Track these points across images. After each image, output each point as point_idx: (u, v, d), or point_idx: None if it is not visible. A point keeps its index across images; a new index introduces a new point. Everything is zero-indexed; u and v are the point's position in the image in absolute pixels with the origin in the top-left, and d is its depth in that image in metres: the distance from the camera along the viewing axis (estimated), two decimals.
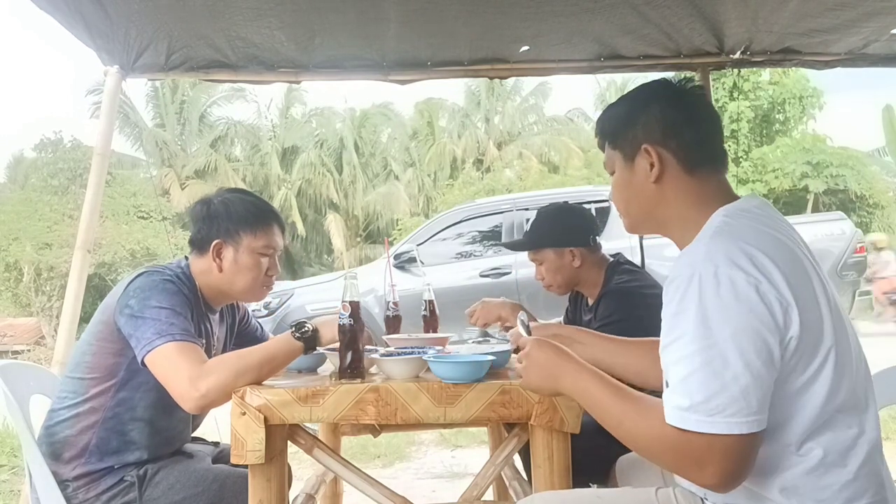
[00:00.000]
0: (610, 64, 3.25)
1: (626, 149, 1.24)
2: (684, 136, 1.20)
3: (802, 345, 1.00)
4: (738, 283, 0.98)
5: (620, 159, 1.26)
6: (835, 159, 16.33)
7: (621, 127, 1.26)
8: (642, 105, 1.25)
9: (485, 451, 3.86)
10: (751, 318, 0.97)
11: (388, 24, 2.76)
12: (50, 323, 13.64)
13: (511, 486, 1.96)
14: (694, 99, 1.25)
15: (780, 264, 1.01)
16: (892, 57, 3.28)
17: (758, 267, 1.00)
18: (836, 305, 1.08)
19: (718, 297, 0.98)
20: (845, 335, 1.07)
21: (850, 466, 1.03)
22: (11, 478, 4.04)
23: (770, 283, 0.99)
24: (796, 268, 1.04)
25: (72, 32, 2.69)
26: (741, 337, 0.96)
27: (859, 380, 1.08)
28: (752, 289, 0.98)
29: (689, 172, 1.19)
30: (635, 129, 1.23)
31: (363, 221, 24.16)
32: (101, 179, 2.95)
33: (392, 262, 5.41)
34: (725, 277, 0.99)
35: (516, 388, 1.44)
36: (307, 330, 1.61)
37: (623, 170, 1.26)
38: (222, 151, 24.45)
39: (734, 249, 1.02)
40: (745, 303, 0.97)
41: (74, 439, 1.64)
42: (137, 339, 1.56)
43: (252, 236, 1.75)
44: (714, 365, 0.96)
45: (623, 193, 1.27)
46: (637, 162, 1.22)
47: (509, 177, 22.16)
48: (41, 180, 19.09)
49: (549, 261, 2.20)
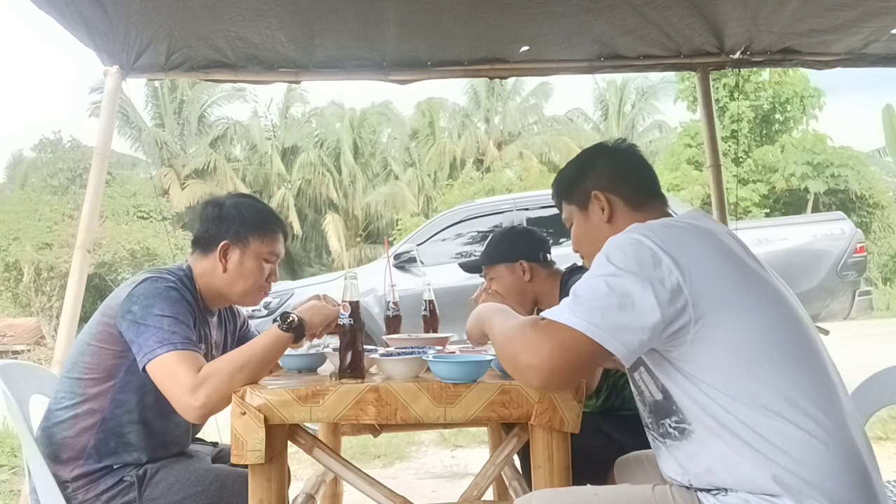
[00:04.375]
0: (610, 64, 3.25)
1: (580, 200, 1.46)
2: (627, 181, 1.42)
3: (700, 312, 1.12)
4: (639, 241, 1.16)
5: (577, 211, 1.48)
6: (835, 159, 16.32)
7: (573, 183, 1.48)
8: (589, 162, 1.49)
9: (485, 451, 3.86)
10: (638, 267, 1.12)
11: (388, 24, 2.76)
12: (50, 323, 13.63)
13: (511, 486, 1.96)
14: (631, 152, 1.49)
15: (680, 240, 1.17)
16: (892, 57, 3.28)
17: (660, 237, 1.16)
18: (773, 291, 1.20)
19: (622, 245, 1.17)
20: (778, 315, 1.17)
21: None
22: (11, 478, 4.04)
23: (667, 251, 1.14)
24: (698, 247, 1.18)
25: (71, 32, 2.69)
26: (625, 277, 1.12)
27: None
28: (649, 250, 1.14)
29: (636, 210, 1.39)
30: (585, 183, 1.45)
31: (363, 221, 24.16)
32: (101, 179, 2.96)
33: (392, 262, 5.41)
34: (633, 237, 1.18)
35: (516, 387, 1.44)
36: (293, 320, 1.62)
37: (580, 218, 1.47)
38: (222, 151, 24.45)
39: (644, 225, 1.22)
40: (639, 255, 1.14)
41: (73, 441, 1.64)
42: (139, 346, 1.56)
43: (260, 242, 1.79)
44: (596, 286, 1.13)
45: (584, 239, 1.47)
46: (591, 209, 1.43)
47: (509, 177, 22.17)
48: (41, 180, 19.09)
49: (501, 277, 2.23)
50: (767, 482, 1.08)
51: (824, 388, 1.13)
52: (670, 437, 1.21)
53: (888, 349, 7.28)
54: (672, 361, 1.16)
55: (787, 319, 1.18)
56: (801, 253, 5.73)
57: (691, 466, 1.18)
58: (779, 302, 1.19)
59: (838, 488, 1.07)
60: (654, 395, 1.24)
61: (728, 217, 3.56)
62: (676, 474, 1.22)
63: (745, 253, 1.24)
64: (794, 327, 1.18)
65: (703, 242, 1.19)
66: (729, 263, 1.18)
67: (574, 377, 1.18)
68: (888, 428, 4.21)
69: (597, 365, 1.19)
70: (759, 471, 1.09)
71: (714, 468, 1.14)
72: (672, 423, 1.19)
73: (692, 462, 1.17)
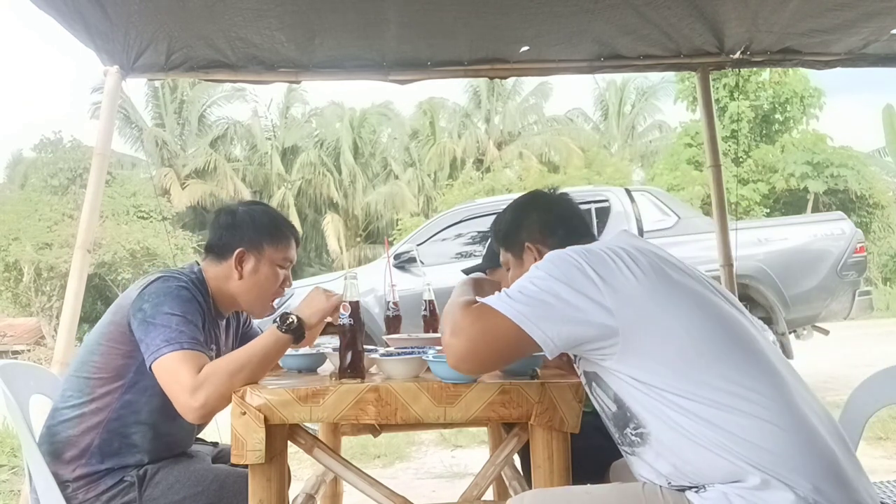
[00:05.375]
0: (610, 64, 3.25)
1: (515, 250, 1.58)
2: (557, 231, 1.52)
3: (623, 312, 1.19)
4: (566, 255, 1.25)
5: (512, 258, 1.59)
6: (835, 159, 16.33)
7: (508, 234, 1.60)
8: (522, 215, 1.59)
9: (485, 451, 3.86)
10: (564, 276, 1.21)
11: (388, 24, 2.76)
12: (50, 323, 13.64)
13: (511, 486, 1.96)
14: (561, 202, 1.60)
15: (603, 255, 1.25)
16: (892, 57, 3.28)
17: (584, 251, 1.26)
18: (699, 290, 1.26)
19: (550, 259, 1.26)
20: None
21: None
22: (11, 478, 4.04)
23: (590, 264, 1.22)
24: (614, 263, 1.25)
25: (71, 33, 2.69)
26: (553, 281, 1.20)
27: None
28: (575, 261, 1.23)
29: None
30: (520, 234, 1.56)
31: (363, 221, 24.17)
32: (101, 179, 2.96)
33: (392, 262, 5.41)
34: (560, 253, 1.27)
35: (516, 387, 1.44)
36: (292, 321, 1.63)
37: (515, 265, 1.58)
38: (222, 151, 24.46)
39: (565, 248, 1.30)
40: (566, 264, 1.23)
41: (76, 439, 1.63)
42: (147, 344, 1.57)
43: (274, 248, 1.80)
44: (525, 287, 1.22)
45: None
46: (524, 258, 1.54)
47: (509, 177, 22.18)
48: (41, 180, 19.08)
49: (505, 280, 2.20)
50: (730, 471, 1.11)
51: (763, 375, 1.17)
52: (635, 444, 1.24)
53: (888, 349, 7.29)
54: (612, 370, 1.22)
55: (714, 318, 1.22)
56: (801, 253, 5.73)
57: (660, 468, 1.21)
58: (703, 303, 1.24)
59: (802, 466, 1.08)
60: (610, 407, 1.27)
61: (728, 217, 3.56)
62: (653, 477, 1.24)
63: (665, 263, 1.29)
64: (723, 325, 1.22)
65: (622, 258, 1.25)
66: (649, 275, 1.23)
67: (491, 361, 1.26)
68: (888, 428, 4.21)
69: (518, 353, 1.25)
70: (718, 462, 1.12)
71: (678, 465, 1.17)
72: (632, 430, 1.23)
73: (659, 463, 1.21)
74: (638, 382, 1.19)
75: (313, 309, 1.70)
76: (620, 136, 26.57)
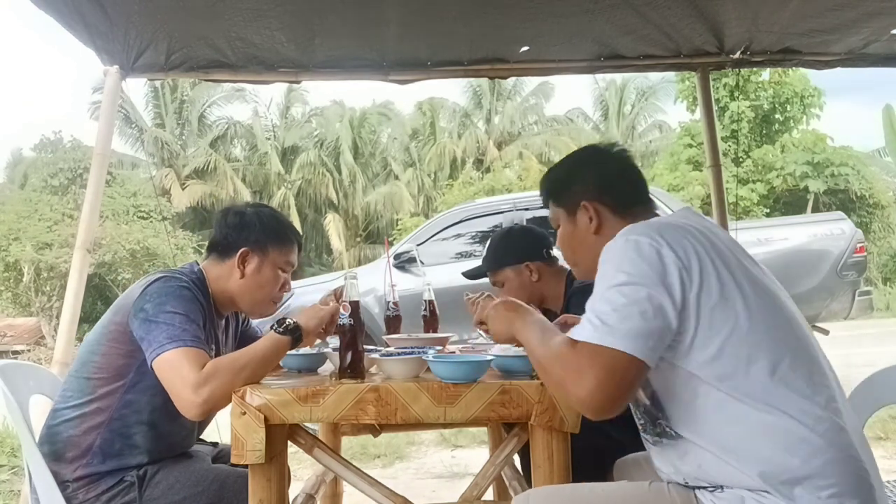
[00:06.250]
0: (610, 64, 3.25)
1: (568, 206, 1.44)
2: (616, 189, 1.41)
3: (703, 305, 1.12)
4: (641, 244, 1.15)
5: (564, 215, 1.46)
6: (835, 159, 16.31)
7: (563, 188, 1.47)
8: (578, 169, 1.47)
9: (485, 451, 3.86)
10: (648, 271, 1.12)
11: (388, 24, 2.76)
12: (50, 323, 13.62)
13: (511, 486, 1.96)
14: (620, 158, 1.47)
15: (679, 238, 1.17)
16: (892, 57, 3.28)
17: (660, 236, 1.16)
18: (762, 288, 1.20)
19: (625, 251, 1.16)
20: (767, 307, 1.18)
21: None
22: (11, 478, 4.04)
23: (670, 248, 1.14)
24: (695, 244, 1.17)
25: (71, 32, 2.69)
26: (638, 283, 1.12)
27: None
28: (654, 251, 1.14)
29: (623, 217, 1.37)
30: (574, 189, 1.43)
31: (363, 221, 24.17)
32: (101, 179, 2.95)
33: (392, 262, 5.41)
34: (632, 240, 1.17)
35: (516, 387, 1.44)
36: (289, 325, 1.65)
37: (567, 224, 1.46)
38: (222, 151, 24.47)
39: (640, 226, 1.22)
40: (646, 259, 1.13)
41: (78, 440, 1.63)
42: (149, 342, 1.57)
43: (278, 251, 1.83)
44: (613, 299, 1.12)
45: (570, 245, 1.47)
46: (579, 217, 1.42)
47: (509, 177, 22.16)
48: (41, 180, 19.07)
49: (509, 280, 2.22)
50: (755, 479, 1.09)
51: (818, 383, 1.13)
52: (666, 436, 1.21)
53: (888, 349, 7.28)
54: (667, 361, 1.15)
55: (781, 316, 1.18)
56: (801, 253, 5.72)
57: (683, 466, 1.19)
58: (772, 299, 1.19)
59: (833, 479, 1.07)
60: (643, 401, 1.25)
61: (728, 217, 3.56)
62: (672, 473, 1.23)
63: (739, 252, 1.23)
64: (788, 324, 1.18)
65: (700, 241, 1.18)
66: (725, 263, 1.17)
67: (625, 399, 1.13)
68: (888, 428, 4.21)
69: (642, 380, 1.14)
70: (746, 467, 1.10)
71: (704, 466, 1.15)
72: (665, 424, 1.20)
73: (684, 461, 1.19)
74: (689, 377, 1.14)
75: (310, 315, 1.72)
76: (620, 136, 26.55)
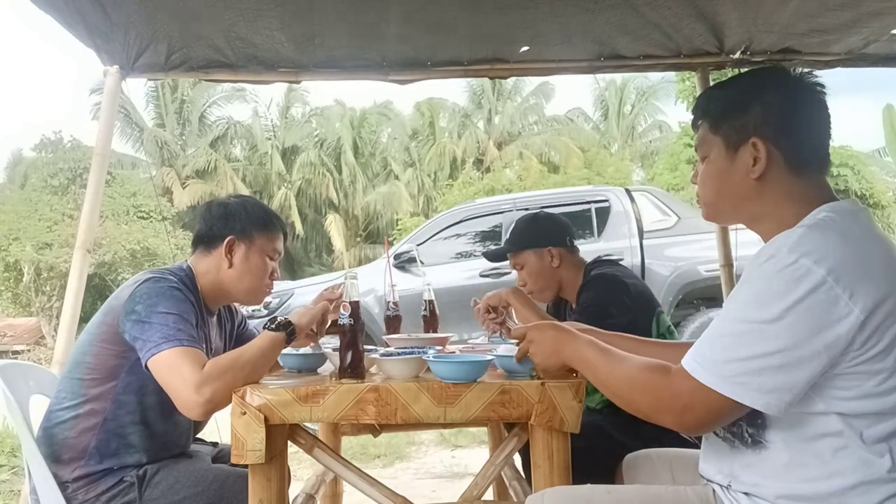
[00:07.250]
0: (610, 64, 3.24)
1: (732, 137, 1.15)
2: (798, 133, 1.12)
3: (866, 355, 0.97)
4: (807, 278, 0.96)
5: (721, 147, 1.17)
6: (835, 159, 16.19)
7: (731, 112, 1.16)
8: (758, 93, 1.15)
9: (485, 451, 3.86)
10: (805, 314, 0.95)
11: (388, 24, 2.76)
12: (50, 323, 13.63)
13: (511, 486, 1.97)
14: (814, 94, 1.16)
15: (863, 275, 0.97)
16: (892, 57, 3.28)
17: (835, 271, 0.96)
18: None
19: (780, 279, 0.97)
20: None
21: None
22: (11, 478, 4.04)
23: (843, 290, 0.95)
24: (873, 268, 0.99)
25: (71, 32, 2.69)
26: (793, 327, 0.96)
27: None
28: (821, 290, 0.95)
29: (794, 173, 1.12)
30: (746, 119, 1.13)
31: (363, 221, 24.17)
32: (101, 179, 2.95)
33: (392, 262, 5.41)
34: (803, 268, 0.97)
35: (516, 387, 1.44)
36: (282, 321, 1.67)
37: (721, 159, 1.17)
38: (222, 151, 24.49)
39: (806, 246, 0.99)
40: (806, 298, 0.95)
41: (74, 441, 1.63)
42: (143, 342, 1.56)
43: (265, 238, 1.83)
44: (742, 337, 0.99)
45: (714, 183, 1.20)
46: (740, 154, 1.14)
47: (509, 177, 22.16)
48: (41, 180, 19.06)
49: (529, 263, 2.23)
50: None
51: None
52: (741, 440, 1.11)
53: None
54: None
55: None
56: None
57: (741, 474, 1.11)
58: None
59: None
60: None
61: None
62: (713, 472, 1.16)
63: None
64: None
65: (880, 258, 1.01)
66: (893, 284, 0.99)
67: (713, 427, 1.09)
68: None
69: (739, 415, 1.04)
70: (806, 492, 1.03)
71: (764, 484, 1.07)
72: (750, 429, 1.09)
73: (746, 471, 1.10)
74: (817, 401, 1.01)
75: (302, 312, 1.75)
76: (620, 136, 26.58)
